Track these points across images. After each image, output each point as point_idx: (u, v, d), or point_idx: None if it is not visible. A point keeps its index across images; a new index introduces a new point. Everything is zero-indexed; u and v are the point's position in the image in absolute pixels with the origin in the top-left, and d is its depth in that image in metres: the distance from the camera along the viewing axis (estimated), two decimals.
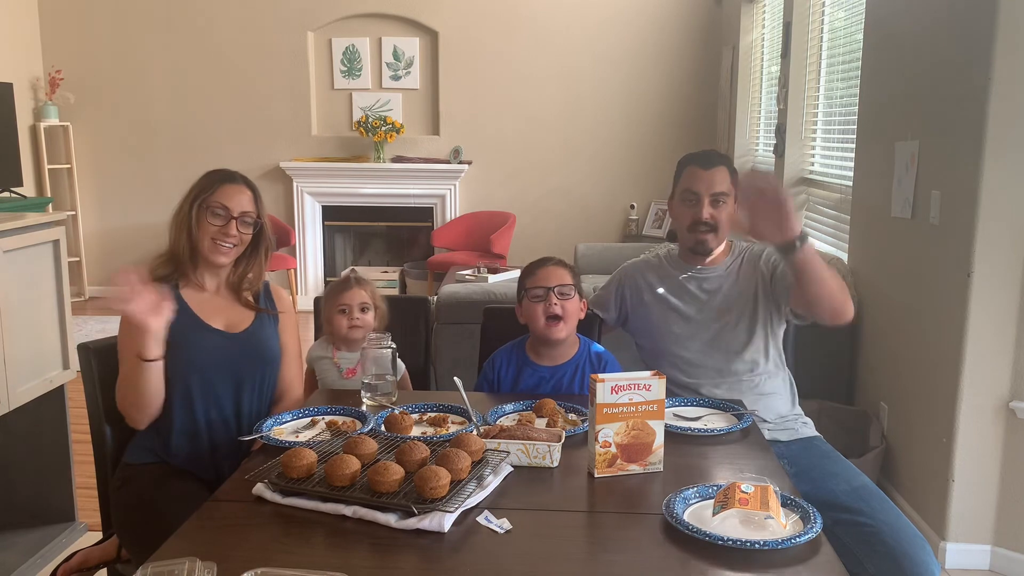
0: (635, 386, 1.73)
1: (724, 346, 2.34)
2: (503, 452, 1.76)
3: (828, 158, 4.55)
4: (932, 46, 3.09)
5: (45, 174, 6.80)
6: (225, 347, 2.13)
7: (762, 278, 2.35)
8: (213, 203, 2.14)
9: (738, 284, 2.37)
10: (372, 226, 7.38)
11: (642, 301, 2.46)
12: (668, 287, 2.43)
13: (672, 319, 2.39)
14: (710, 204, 2.31)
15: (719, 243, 2.38)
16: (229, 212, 2.15)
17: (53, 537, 2.96)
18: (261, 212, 2.25)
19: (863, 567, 2.00)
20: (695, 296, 2.39)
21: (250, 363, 2.17)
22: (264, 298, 2.30)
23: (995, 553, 2.87)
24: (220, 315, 2.18)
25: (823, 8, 4.61)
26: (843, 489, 2.10)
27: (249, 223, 2.19)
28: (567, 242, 6.81)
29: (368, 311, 2.47)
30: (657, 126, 6.92)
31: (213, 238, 2.14)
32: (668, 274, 2.45)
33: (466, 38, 6.85)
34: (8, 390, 2.68)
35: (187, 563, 1.27)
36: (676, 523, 1.49)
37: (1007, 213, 2.71)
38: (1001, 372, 2.80)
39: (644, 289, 2.46)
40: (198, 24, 6.91)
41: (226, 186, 2.18)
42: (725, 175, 2.32)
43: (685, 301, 2.40)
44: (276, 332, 2.27)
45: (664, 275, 2.45)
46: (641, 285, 2.47)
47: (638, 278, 2.49)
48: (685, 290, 2.40)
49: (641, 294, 2.47)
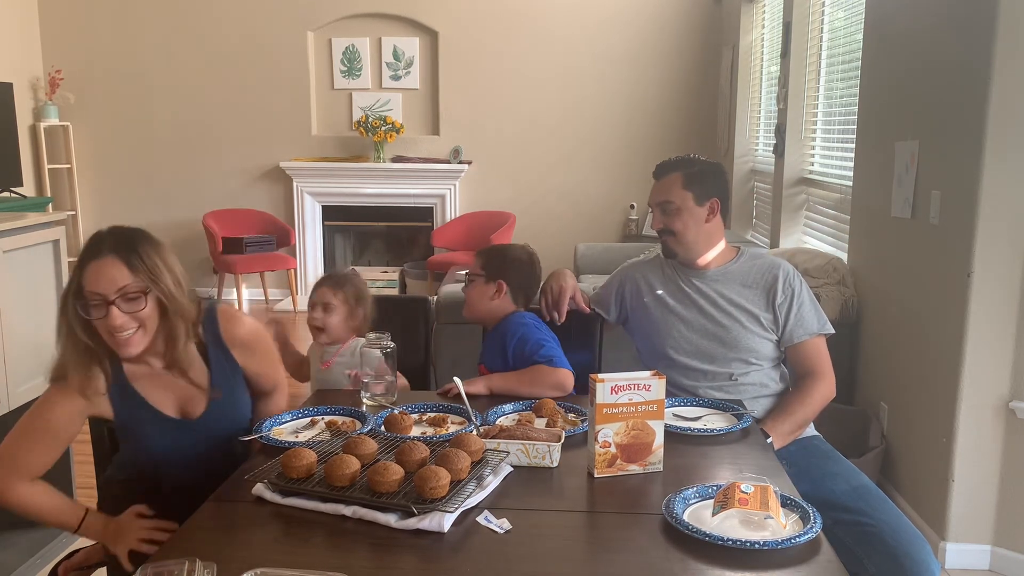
0: (635, 386, 1.73)
1: (721, 352, 2.33)
2: (503, 452, 1.76)
3: (828, 158, 4.55)
4: (932, 46, 3.09)
5: (45, 174, 6.80)
6: (185, 438, 1.87)
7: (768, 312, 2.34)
8: (86, 293, 1.69)
9: (742, 294, 2.36)
10: (372, 226, 7.38)
11: (642, 302, 2.46)
12: (668, 289, 2.42)
13: (671, 321, 2.39)
14: (660, 212, 2.38)
15: (689, 250, 2.38)
16: (103, 297, 1.68)
17: (53, 537, 2.96)
18: (152, 276, 1.72)
19: (863, 567, 2.00)
20: (694, 300, 2.38)
21: (219, 446, 1.90)
22: (213, 346, 1.91)
23: (995, 553, 2.87)
24: (171, 396, 1.87)
25: (823, 8, 4.61)
26: (843, 489, 2.10)
27: (134, 298, 1.70)
28: (567, 242, 6.80)
29: (331, 312, 2.49)
30: (657, 126, 6.92)
31: (108, 332, 1.71)
32: (669, 276, 2.45)
33: (466, 38, 6.85)
34: (8, 390, 2.68)
35: (187, 563, 1.27)
36: (676, 523, 1.49)
37: (1007, 213, 2.71)
38: (1001, 372, 2.80)
39: (644, 290, 2.46)
40: (198, 24, 6.91)
41: (90, 265, 1.70)
42: (676, 180, 2.35)
43: (685, 305, 2.39)
44: (244, 390, 1.97)
45: (665, 277, 2.45)
46: (642, 286, 2.47)
47: (639, 278, 2.48)
48: (685, 294, 2.40)
49: (641, 295, 2.46)
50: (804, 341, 2.31)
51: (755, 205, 6.09)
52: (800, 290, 2.34)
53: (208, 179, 7.03)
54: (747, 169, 6.15)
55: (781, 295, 2.33)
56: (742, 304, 2.34)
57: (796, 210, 4.89)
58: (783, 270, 2.35)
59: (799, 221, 4.88)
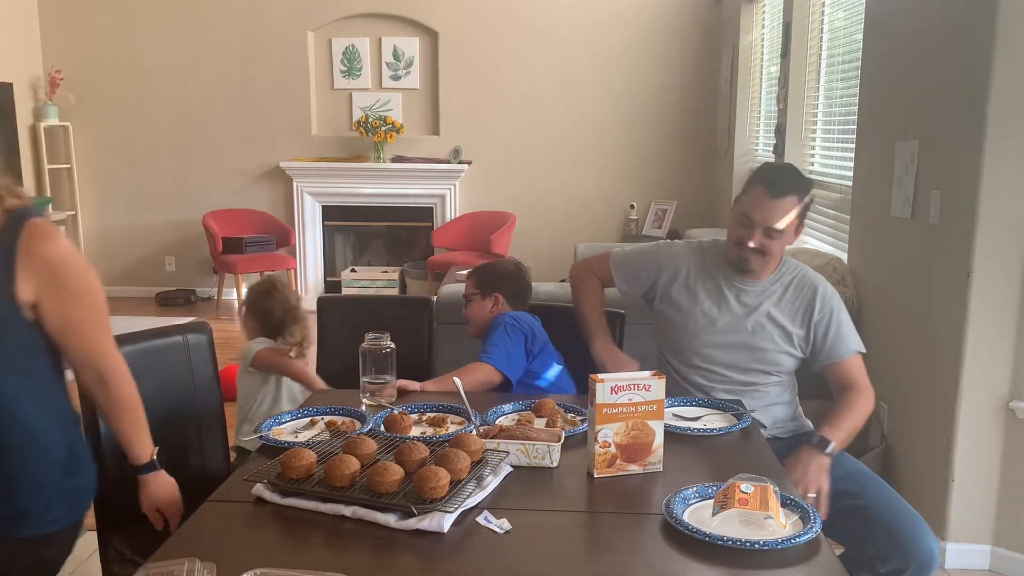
0: (635, 386, 1.73)
1: (746, 361, 2.29)
2: (503, 452, 1.76)
3: (828, 158, 4.55)
4: (932, 46, 3.09)
5: (45, 174, 6.80)
6: None
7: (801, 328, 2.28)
8: None
9: (778, 306, 2.28)
10: (372, 226, 7.38)
11: (678, 291, 2.35)
12: (707, 288, 2.32)
13: (700, 319, 2.31)
14: (762, 234, 2.20)
15: (764, 267, 2.27)
16: None
17: None
18: None
19: (864, 549, 2.03)
20: (731, 307, 2.29)
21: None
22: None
23: (995, 553, 2.87)
24: None
25: (823, 8, 4.61)
26: (839, 474, 2.11)
27: None
28: (567, 242, 6.81)
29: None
30: (657, 126, 6.92)
31: None
32: (710, 274, 2.34)
33: (466, 38, 6.85)
34: None
35: (187, 563, 1.27)
36: (676, 523, 1.49)
37: (1007, 213, 2.71)
38: (1001, 372, 2.80)
39: (683, 279, 2.35)
40: (198, 24, 6.91)
41: None
42: (792, 205, 2.20)
43: (721, 308, 2.30)
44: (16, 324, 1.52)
45: (706, 273, 2.34)
46: (681, 273, 2.36)
47: (682, 266, 2.36)
48: (723, 297, 2.30)
49: (680, 284, 2.35)
50: (845, 359, 2.25)
51: None
52: (838, 309, 2.28)
53: (208, 179, 7.03)
54: (747, 169, 6.14)
55: (818, 314, 2.26)
56: (777, 319, 2.27)
57: None
58: (822, 288, 2.28)
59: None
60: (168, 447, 2.22)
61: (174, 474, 1.99)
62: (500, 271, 2.70)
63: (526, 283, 2.71)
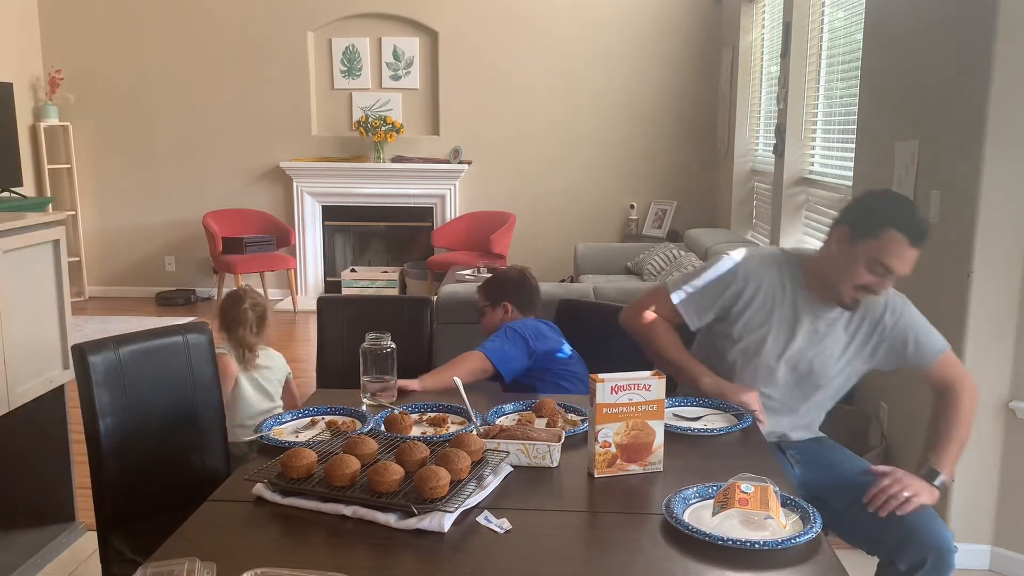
0: (635, 386, 1.73)
1: (806, 387, 2.22)
2: (503, 452, 1.76)
3: (828, 158, 4.55)
4: (932, 46, 3.09)
5: (45, 174, 6.80)
6: None
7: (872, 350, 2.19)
8: None
9: (847, 329, 2.18)
10: (372, 226, 7.38)
11: (752, 313, 2.18)
12: (782, 312, 2.17)
13: (769, 344, 2.17)
14: (885, 277, 2.05)
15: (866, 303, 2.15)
16: None
17: (53, 537, 2.96)
18: None
19: (879, 543, 2.04)
20: (804, 332, 2.17)
21: None
22: None
23: (995, 553, 2.87)
24: None
25: (823, 8, 4.61)
26: (852, 472, 2.13)
27: None
28: (567, 242, 6.81)
29: None
30: (657, 126, 6.92)
31: None
32: (786, 294, 2.18)
33: (466, 38, 6.85)
34: (8, 390, 2.68)
35: (187, 563, 1.27)
36: (676, 523, 1.49)
37: (1007, 213, 2.71)
38: (1001, 372, 2.80)
39: (760, 301, 2.17)
40: (198, 24, 6.91)
41: None
42: (917, 254, 2.05)
43: (793, 334, 2.17)
44: None
45: (783, 293, 2.18)
46: (759, 295, 2.17)
47: (760, 285, 2.18)
48: (798, 321, 2.17)
49: (754, 306, 2.17)
50: (935, 362, 2.18)
51: (755, 205, 6.09)
52: (910, 314, 2.18)
53: (208, 179, 7.03)
54: (747, 169, 6.15)
55: (891, 329, 2.17)
56: (848, 344, 2.18)
57: (796, 210, 4.89)
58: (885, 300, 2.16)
59: (799, 221, 4.88)
60: (168, 447, 2.24)
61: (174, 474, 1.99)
62: (505, 280, 2.80)
63: (532, 288, 2.80)
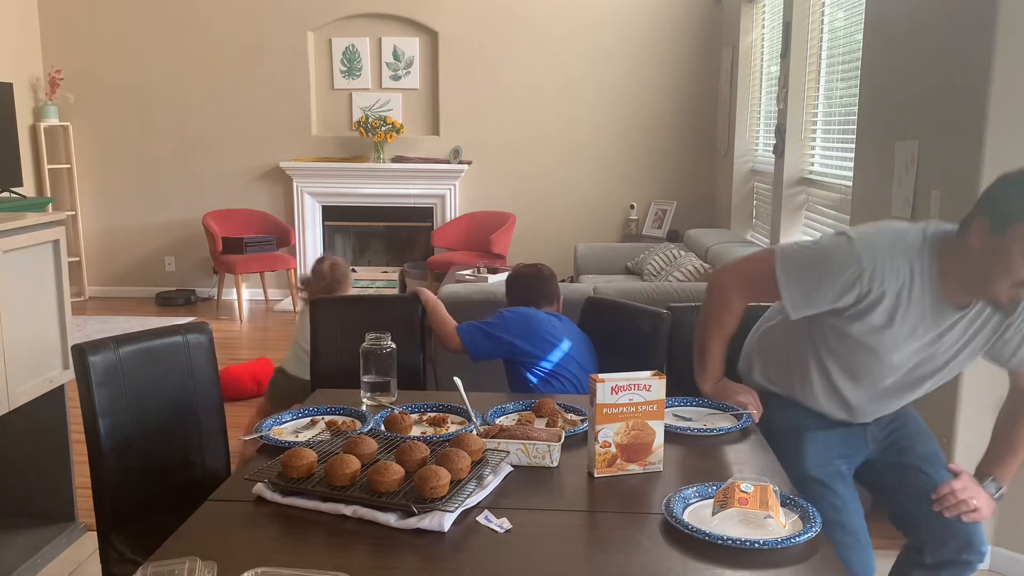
0: (635, 387, 1.73)
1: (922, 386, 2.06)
2: (503, 452, 1.76)
3: (828, 158, 4.56)
4: (932, 46, 3.09)
5: (45, 174, 6.80)
6: None
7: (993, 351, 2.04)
8: None
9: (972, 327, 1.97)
10: (372, 226, 7.38)
11: (880, 311, 1.90)
12: (910, 313, 1.90)
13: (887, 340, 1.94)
14: None
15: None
16: None
17: (53, 537, 2.96)
18: None
19: (917, 529, 2.07)
20: (931, 335, 1.94)
21: None
22: None
23: (995, 553, 2.87)
24: None
25: (823, 8, 4.61)
26: (919, 452, 2.12)
27: None
28: (567, 242, 6.82)
29: None
30: (657, 126, 6.92)
31: None
32: (922, 292, 1.89)
33: (466, 38, 6.85)
34: (8, 390, 2.68)
35: (187, 563, 1.27)
36: (676, 523, 1.49)
37: None
38: (1001, 372, 2.78)
39: (892, 298, 1.89)
40: (198, 24, 6.91)
41: None
42: None
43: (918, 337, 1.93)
44: None
45: (919, 292, 1.89)
46: (890, 292, 1.89)
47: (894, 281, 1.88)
48: (926, 326, 1.92)
49: (884, 304, 1.89)
50: None
51: (755, 205, 6.10)
52: None
53: (208, 179, 7.03)
54: (747, 169, 6.15)
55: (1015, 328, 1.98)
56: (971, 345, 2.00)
57: (796, 210, 4.89)
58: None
59: (799, 221, 4.88)
60: (168, 447, 2.24)
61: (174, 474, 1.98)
62: (520, 277, 2.92)
63: (544, 279, 2.89)
